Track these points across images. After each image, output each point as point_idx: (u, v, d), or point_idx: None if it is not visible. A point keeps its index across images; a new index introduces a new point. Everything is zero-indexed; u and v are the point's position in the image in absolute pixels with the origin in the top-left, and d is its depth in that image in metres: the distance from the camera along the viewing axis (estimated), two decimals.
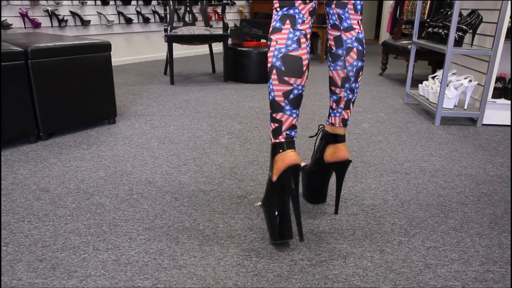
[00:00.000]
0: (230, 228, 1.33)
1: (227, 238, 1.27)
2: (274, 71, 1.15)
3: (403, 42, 3.58)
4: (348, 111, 1.33)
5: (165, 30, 3.34)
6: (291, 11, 1.16)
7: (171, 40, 3.29)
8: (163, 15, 4.60)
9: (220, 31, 3.96)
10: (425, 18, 4.46)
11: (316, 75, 4.00)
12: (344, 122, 1.34)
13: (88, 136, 2.17)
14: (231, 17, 5.43)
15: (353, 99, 1.33)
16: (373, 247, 1.23)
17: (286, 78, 1.15)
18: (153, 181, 1.65)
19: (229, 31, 3.56)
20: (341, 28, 1.26)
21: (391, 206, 1.49)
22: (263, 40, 3.55)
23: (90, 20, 4.02)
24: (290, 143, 1.18)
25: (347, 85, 1.29)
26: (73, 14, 3.91)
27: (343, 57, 1.27)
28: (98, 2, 4.08)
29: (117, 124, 2.37)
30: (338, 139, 1.34)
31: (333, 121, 1.35)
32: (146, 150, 1.97)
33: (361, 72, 1.30)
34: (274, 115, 1.18)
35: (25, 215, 1.41)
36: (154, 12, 4.58)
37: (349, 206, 1.48)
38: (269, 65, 1.17)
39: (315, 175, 1.43)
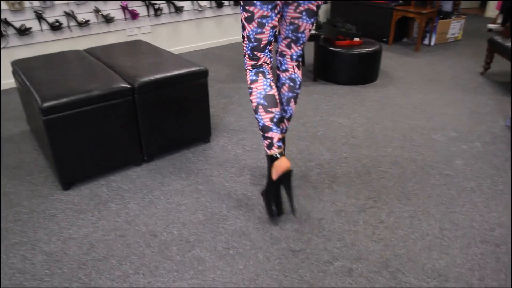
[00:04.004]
0: None
1: None
2: (261, 107, 1.69)
3: None
4: (283, 123, 1.92)
5: None
6: (261, 69, 1.75)
7: None
8: None
9: None
10: None
11: (416, 73, 3.81)
12: (281, 131, 1.88)
13: (186, 159, 2.35)
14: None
15: (287, 116, 1.91)
16: None
17: (269, 109, 1.68)
18: (247, 232, 1.79)
19: (321, 26, 3.47)
20: (281, 69, 1.85)
21: None
22: (356, 39, 3.42)
23: (183, 7, 4.11)
24: (281, 152, 1.69)
25: (280, 107, 1.83)
26: (168, 2, 4.02)
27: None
28: None
29: (211, 143, 2.51)
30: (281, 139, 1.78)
31: None
32: (239, 185, 2.10)
33: (292, 100, 1.87)
34: (266, 134, 1.70)
35: (139, 265, 1.62)
36: None
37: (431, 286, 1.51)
38: (254, 104, 1.70)
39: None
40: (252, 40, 1.68)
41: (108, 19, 3.70)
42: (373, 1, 4.68)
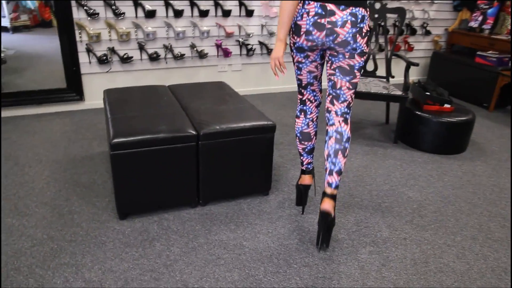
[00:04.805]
0: None
1: None
2: (297, 138, 2.20)
3: None
4: (332, 176, 1.94)
5: None
6: (305, 107, 2.15)
7: None
8: None
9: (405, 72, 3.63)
10: None
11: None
12: (330, 185, 1.93)
13: (239, 209, 2.34)
14: (424, 46, 4.99)
15: (336, 169, 1.93)
16: None
17: (303, 142, 2.18)
18: None
19: (410, 88, 3.30)
20: (328, 123, 2.01)
21: None
22: (447, 105, 3.19)
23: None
24: (307, 171, 2.24)
25: (329, 159, 1.95)
26: (261, 43, 4.13)
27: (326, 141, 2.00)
28: None
29: (269, 196, 2.48)
30: (325, 194, 1.93)
31: (325, 181, 1.97)
32: (284, 249, 2.03)
33: (339, 153, 1.94)
34: (300, 157, 2.24)
35: None
36: None
37: None
38: (295, 132, 2.22)
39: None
40: (296, 79, 2.11)
41: (201, 55, 3.90)
42: (477, 62, 4.35)
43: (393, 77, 3.47)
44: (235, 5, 3.91)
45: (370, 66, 3.57)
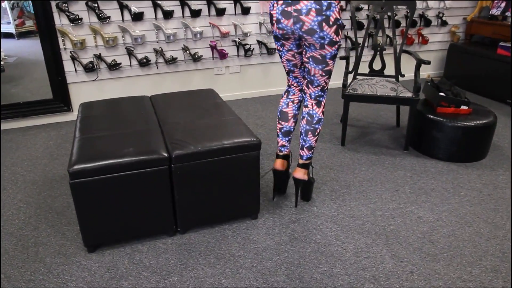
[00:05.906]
0: None
1: None
2: (277, 118, 2.29)
3: None
4: (303, 150, 2.19)
5: (344, 85, 2.96)
6: (289, 89, 2.24)
7: (348, 99, 2.90)
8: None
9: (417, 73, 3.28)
10: None
11: None
12: (301, 157, 2.19)
13: (223, 238, 2.07)
14: (440, 38, 4.59)
15: (306, 145, 2.17)
16: None
17: (280, 121, 2.24)
18: None
19: (422, 87, 2.96)
20: (303, 104, 2.18)
21: None
22: (463, 107, 2.83)
23: (275, 48, 3.89)
24: (280, 156, 2.26)
25: (301, 136, 2.18)
26: (260, 43, 3.84)
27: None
28: None
29: (257, 221, 2.20)
30: (298, 164, 2.20)
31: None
32: None
33: (309, 132, 2.15)
34: (277, 138, 2.36)
35: None
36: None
37: None
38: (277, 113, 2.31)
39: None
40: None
41: (195, 58, 3.64)
42: (499, 53, 3.95)
43: (403, 75, 3.13)
44: (230, 2, 3.62)
45: (377, 65, 3.24)
